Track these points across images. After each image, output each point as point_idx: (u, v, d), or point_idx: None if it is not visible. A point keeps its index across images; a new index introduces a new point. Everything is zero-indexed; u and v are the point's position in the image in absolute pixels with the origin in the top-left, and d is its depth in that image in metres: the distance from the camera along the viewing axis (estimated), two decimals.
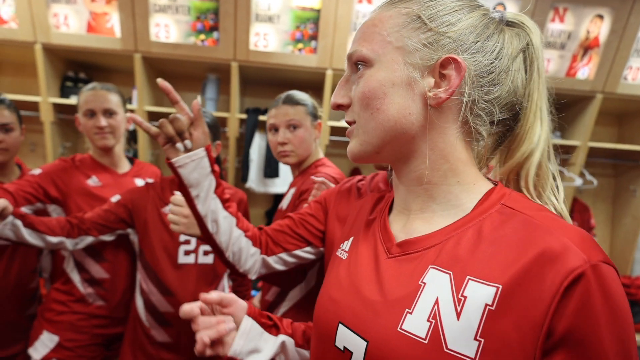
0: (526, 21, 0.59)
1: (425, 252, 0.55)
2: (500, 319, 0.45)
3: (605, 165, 2.90)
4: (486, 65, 0.55)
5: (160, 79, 0.85)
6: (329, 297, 0.65)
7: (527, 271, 0.45)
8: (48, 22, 2.25)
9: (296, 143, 1.43)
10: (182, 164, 0.87)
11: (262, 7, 2.29)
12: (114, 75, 2.69)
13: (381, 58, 0.57)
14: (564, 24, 2.34)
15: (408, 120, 0.56)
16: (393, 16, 0.57)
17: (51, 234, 1.39)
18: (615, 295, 0.44)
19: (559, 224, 0.49)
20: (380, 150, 0.59)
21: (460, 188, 0.57)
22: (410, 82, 0.55)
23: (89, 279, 1.60)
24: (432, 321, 0.49)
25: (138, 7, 2.23)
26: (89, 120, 1.60)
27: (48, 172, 1.57)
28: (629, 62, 2.40)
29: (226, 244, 0.94)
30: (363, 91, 0.57)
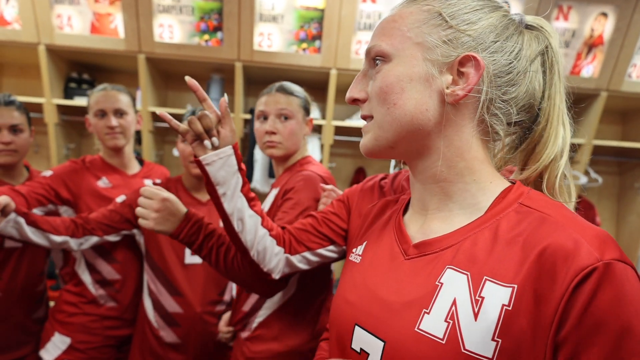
0: (545, 25, 0.60)
1: (442, 253, 0.55)
2: (517, 317, 0.45)
3: (609, 163, 2.90)
4: (505, 65, 0.56)
5: (188, 77, 0.85)
6: (344, 300, 0.65)
7: (540, 269, 0.46)
8: (51, 23, 2.24)
9: (285, 135, 1.34)
10: (210, 162, 0.88)
11: (266, 7, 2.29)
12: (118, 76, 2.69)
13: (400, 53, 0.57)
14: (568, 22, 2.34)
15: (425, 116, 0.56)
16: (414, 12, 0.57)
17: (55, 232, 1.38)
18: (628, 295, 0.43)
19: (575, 221, 0.49)
20: (395, 146, 0.59)
21: (477, 186, 0.57)
22: (428, 78, 0.55)
23: (101, 280, 1.60)
24: (450, 321, 0.49)
25: (142, 8, 2.23)
26: (99, 121, 1.61)
27: (59, 174, 1.58)
28: (633, 59, 2.40)
29: (251, 242, 0.94)
30: (381, 86, 0.57)
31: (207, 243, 1.04)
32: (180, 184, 1.66)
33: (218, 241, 1.04)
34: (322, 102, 2.67)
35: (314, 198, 1.21)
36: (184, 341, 1.53)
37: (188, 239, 1.03)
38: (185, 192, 1.64)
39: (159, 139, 2.68)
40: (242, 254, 0.96)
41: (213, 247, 1.03)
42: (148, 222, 1.01)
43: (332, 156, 2.78)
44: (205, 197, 1.66)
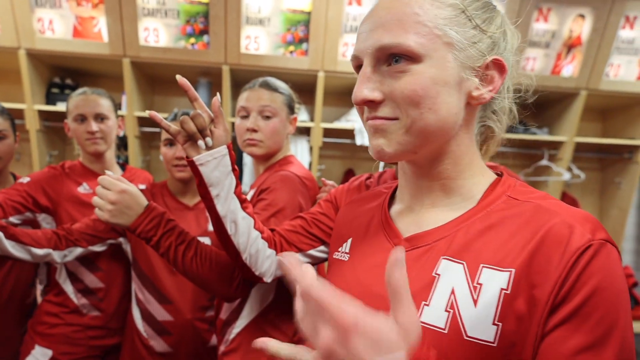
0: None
1: (435, 245, 0.56)
2: (515, 300, 0.47)
3: (591, 159, 2.98)
4: (512, 65, 0.58)
5: (179, 76, 0.83)
6: None
7: (537, 251, 0.47)
8: (32, 27, 2.19)
9: (267, 133, 1.26)
10: (204, 162, 0.85)
11: (253, 10, 2.28)
12: (102, 80, 2.64)
13: (431, 54, 0.52)
14: (548, 23, 2.41)
15: (453, 120, 0.55)
16: (434, 4, 0.53)
17: (36, 245, 1.33)
18: (613, 273, 0.46)
19: (564, 207, 0.51)
20: (419, 150, 0.56)
21: (472, 181, 0.59)
22: (460, 82, 0.54)
23: (83, 289, 1.55)
24: (450, 311, 0.49)
25: (126, 11, 2.19)
26: (79, 126, 1.56)
27: (37, 180, 1.53)
28: (610, 59, 2.48)
29: (244, 245, 0.91)
30: (415, 88, 0.52)
31: (165, 240, 0.99)
32: (165, 188, 1.63)
33: (177, 239, 1.00)
34: (310, 104, 2.68)
35: (290, 199, 1.16)
36: (175, 350, 1.49)
37: (145, 234, 0.99)
38: (171, 196, 1.62)
39: (146, 144, 2.64)
40: (234, 257, 0.93)
41: (171, 246, 0.99)
42: (103, 213, 0.97)
43: (322, 158, 2.78)
44: (191, 201, 1.63)
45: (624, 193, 2.75)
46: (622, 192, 2.77)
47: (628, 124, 2.76)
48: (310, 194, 1.23)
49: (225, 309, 1.25)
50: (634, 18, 2.42)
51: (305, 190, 1.21)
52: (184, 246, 1.00)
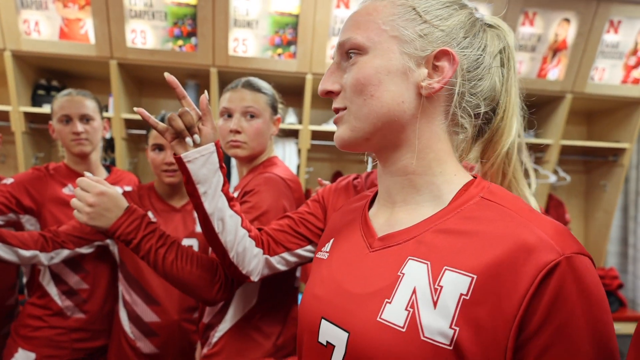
0: (503, 25, 0.64)
1: (405, 244, 0.56)
2: (476, 307, 0.46)
3: (576, 162, 3.01)
4: (474, 60, 0.58)
5: (166, 73, 0.83)
6: (312, 295, 0.65)
7: (502, 263, 0.46)
8: (18, 29, 2.18)
9: (251, 134, 1.24)
10: (192, 159, 0.86)
11: (241, 13, 2.28)
12: (89, 82, 2.62)
13: (377, 46, 0.57)
14: (533, 27, 2.43)
15: (401, 108, 0.57)
16: (387, 6, 0.58)
17: (24, 247, 1.32)
18: (590, 285, 0.45)
19: (535, 216, 0.50)
20: (371, 137, 0.59)
21: (442, 179, 0.59)
22: (405, 71, 0.56)
23: (67, 290, 1.54)
24: (410, 310, 0.50)
25: (113, 13, 2.19)
26: (65, 127, 1.56)
27: (21, 181, 1.52)
28: (595, 63, 2.51)
29: (231, 243, 0.91)
30: (357, 77, 0.57)
31: (146, 243, 0.98)
32: (153, 190, 1.63)
33: (158, 242, 0.99)
34: (298, 107, 2.68)
35: (274, 202, 1.15)
36: (162, 351, 1.49)
37: (125, 236, 0.98)
38: (158, 198, 1.62)
39: (133, 146, 2.63)
40: (221, 256, 0.93)
41: (151, 249, 0.98)
42: (82, 216, 0.96)
43: (310, 160, 2.79)
44: (179, 203, 1.63)
45: (609, 195, 2.79)
46: (608, 195, 2.80)
47: (613, 127, 2.80)
48: (294, 196, 1.23)
49: (208, 312, 1.24)
50: (618, 22, 2.46)
51: (290, 193, 1.21)
52: (165, 249, 0.99)
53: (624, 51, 2.52)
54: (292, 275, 1.29)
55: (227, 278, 1.03)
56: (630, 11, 2.42)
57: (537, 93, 2.55)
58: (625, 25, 2.47)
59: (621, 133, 2.72)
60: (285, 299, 1.26)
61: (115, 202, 0.98)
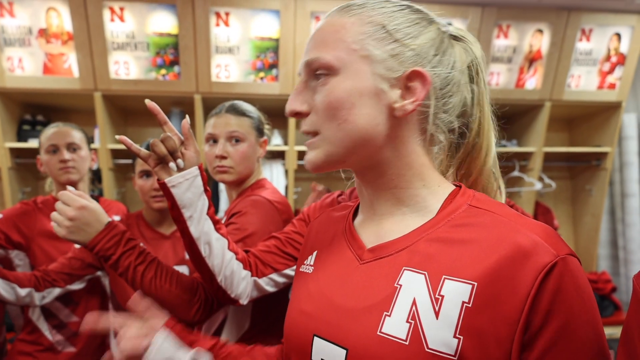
0: (469, 36, 0.63)
1: (398, 255, 0.55)
2: (478, 315, 0.46)
3: (561, 168, 3.05)
4: (445, 77, 0.58)
5: (147, 100, 0.84)
6: (299, 311, 0.63)
7: (501, 268, 0.47)
8: (2, 66, 2.20)
9: (237, 159, 1.24)
10: (176, 184, 0.86)
11: (222, 39, 2.33)
12: (74, 115, 2.64)
13: (347, 66, 0.55)
14: (508, 39, 2.50)
15: (375, 131, 0.56)
16: (356, 24, 0.56)
17: (20, 285, 1.31)
18: (583, 285, 0.47)
19: (525, 220, 0.51)
20: (346, 160, 0.58)
21: (426, 191, 0.58)
22: (378, 93, 0.55)
23: (58, 324, 1.52)
24: (412, 322, 0.49)
25: (95, 46, 2.22)
26: (52, 157, 1.56)
27: (10, 216, 1.51)
28: (571, 71, 2.57)
29: (219, 267, 0.91)
30: (329, 100, 0.55)
31: (125, 260, 0.96)
32: (141, 218, 1.63)
33: (137, 259, 0.97)
34: (283, 128, 2.71)
35: (261, 224, 1.14)
36: None
37: (104, 252, 0.96)
38: (147, 226, 1.61)
39: (120, 176, 2.63)
40: (209, 280, 0.93)
41: (130, 266, 0.96)
42: (61, 229, 0.95)
43: (297, 181, 2.80)
44: (168, 230, 1.63)
45: (595, 199, 2.82)
46: (594, 199, 2.83)
47: (593, 132, 2.85)
48: (282, 218, 1.22)
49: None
50: (590, 30, 2.53)
51: (277, 215, 1.20)
52: (144, 267, 0.97)
53: (598, 58, 2.59)
54: (283, 296, 1.29)
55: (207, 299, 1.01)
56: (601, 19, 2.50)
57: (517, 103, 2.60)
58: (597, 33, 2.55)
59: (602, 137, 2.77)
60: (279, 321, 1.25)
61: (96, 216, 0.97)
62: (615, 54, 2.59)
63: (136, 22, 2.25)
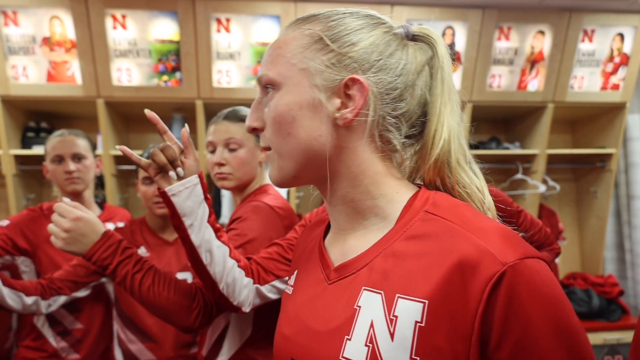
0: (430, 33, 0.59)
1: (359, 273, 0.54)
2: (431, 334, 0.45)
3: (564, 170, 3.03)
4: (390, 82, 0.55)
5: (147, 110, 0.85)
6: (280, 335, 0.63)
7: (448, 282, 0.45)
8: (6, 74, 2.23)
9: (235, 165, 1.25)
10: (176, 192, 0.86)
11: (223, 46, 2.34)
12: (77, 122, 2.67)
13: (287, 81, 0.56)
14: (509, 41, 2.49)
15: (319, 142, 0.55)
16: (297, 37, 0.57)
17: (27, 293, 1.31)
18: (542, 288, 0.44)
19: (477, 225, 0.49)
20: (298, 174, 0.58)
21: (384, 200, 0.57)
22: (316, 104, 0.55)
23: (62, 331, 1.53)
24: (370, 345, 0.48)
25: (98, 54, 2.25)
26: (57, 167, 1.58)
27: (16, 223, 1.53)
28: (573, 72, 2.56)
29: (220, 274, 0.91)
30: (273, 116, 0.57)
31: (122, 269, 0.97)
32: (144, 225, 1.64)
33: (134, 267, 0.98)
34: None
35: (261, 230, 1.14)
36: None
37: (101, 262, 0.97)
38: (150, 232, 1.62)
39: (123, 182, 2.65)
40: (210, 288, 0.93)
41: (128, 274, 0.97)
42: (58, 241, 0.96)
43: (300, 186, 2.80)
44: (171, 236, 1.63)
45: (601, 202, 2.79)
46: (599, 201, 2.80)
47: (597, 133, 2.83)
48: (284, 224, 1.21)
49: (206, 346, 1.22)
50: (592, 31, 2.52)
51: (278, 221, 1.20)
52: (141, 275, 0.98)
53: (601, 58, 2.57)
54: None
55: (207, 304, 1.01)
56: (603, 19, 2.49)
57: (519, 105, 2.59)
58: (599, 34, 2.53)
59: (606, 139, 2.74)
60: None
61: (92, 227, 0.98)
62: (618, 55, 2.58)
63: (138, 30, 2.27)
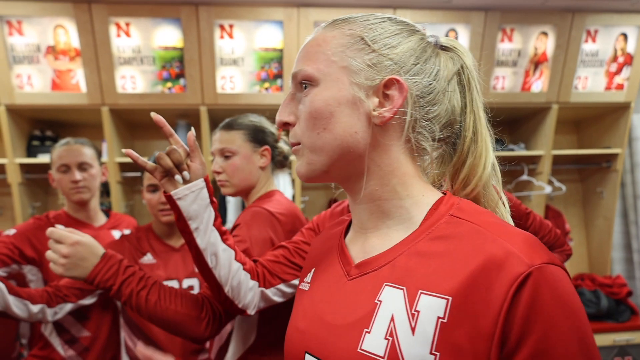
0: (458, 46, 0.63)
1: (381, 270, 0.56)
2: (453, 330, 0.46)
3: (570, 171, 3.02)
4: (425, 86, 0.58)
5: (153, 113, 0.85)
6: (295, 329, 0.64)
7: (474, 281, 0.46)
8: (11, 83, 2.24)
9: (229, 172, 1.30)
10: (182, 196, 0.86)
11: (226, 51, 2.35)
12: (82, 130, 2.67)
13: (326, 77, 0.58)
14: (512, 43, 2.49)
15: (354, 139, 0.57)
16: (337, 36, 0.59)
17: (33, 301, 1.31)
18: (564, 294, 0.45)
19: (503, 229, 0.50)
20: (329, 170, 0.59)
21: (410, 201, 0.58)
22: (355, 102, 0.57)
23: (70, 339, 1.53)
24: (390, 339, 0.49)
25: (102, 62, 2.25)
26: (63, 176, 1.59)
27: (23, 232, 1.53)
28: (577, 72, 2.55)
29: (225, 278, 0.92)
30: (309, 111, 0.58)
31: (126, 288, 0.96)
32: (151, 231, 1.64)
33: (138, 285, 0.97)
34: None
35: (257, 235, 1.15)
36: None
37: (104, 284, 0.95)
38: (156, 239, 1.62)
39: (128, 189, 2.65)
40: (216, 291, 0.93)
41: (133, 292, 0.95)
42: (57, 267, 0.94)
43: (305, 190, 2.80)
44: (177, 242, 1.63)
45: (607, 202, 2.77)
46: (605, 201, 2.79)
47: (602, 134, 2.82)
48: (285, 229, 1.22)
49: (214, 349, 1.25)
50: (595, 31, 2.52)
51: (279, 226, 1.20)
52: (146, 291, 0.97)
53: (604, 59, 2.57)
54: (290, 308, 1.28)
55: (215, 313, 1.01)
56: (606, 19, 2.48)
57: (523, 106, 2.58)
58: (603, 34, 2.53)
59: (611, 139, 2.73)
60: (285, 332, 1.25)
61: (91, 249, 0.96)
62: (622, 55, 2.57)
63: (142, 37, 2.28)
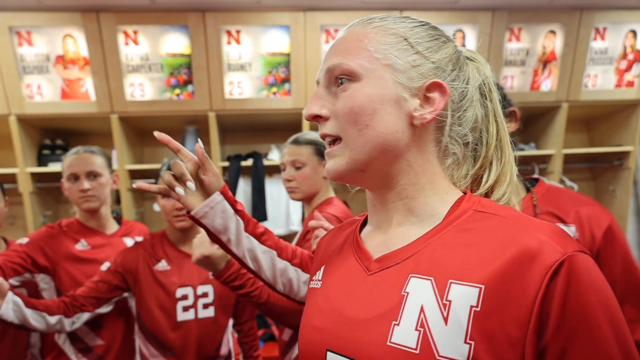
0: (479, 57, 0.66)
1: (404, 263, 0.55)
2: (487, 319, 0.46)
3: (582, 169, 2.99)
4: (460, 92, 0.60)
5: (157, 132, 0.83)
6: (312, 327, 0.63)
7: (508, 270, 0.47)
8: (21, 93, 2.26)
9: (299, 180, 1.51)
10: (203, 214, 0.84)
11: (234, 57, 2.36)
12: (92, 138, 2.69)
13: (369, 73, 0.57)
14: (520, 42, 2.48)
15: (395, 138, 0.57)
16: (379, 34, 0.58)
17: (50, 313, 1.31)
18: (597, 280, 0.46)
19: (531, 221, 0.51)
20: (366, 168, 0.59)
21: (435, 198, 0.59)
22: (399, 101, 0.56)
23: (84, 348, 1.52)
24: (421, 329, 0.48)
25: (111, 70, 2.27)
26: (73, 185, 1.59)
27: (35, 240, 1.53)
28: (586, 71, 2.54)
29: (272, 278, 0.95)
30: (351, 106, 0.57)
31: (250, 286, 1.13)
32: (165, 238, 1.63)
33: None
34: None
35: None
36: None
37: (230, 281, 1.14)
38: (171, 246, 1.61)
39: (138, 196, 2.66)
40: (273, 289, 0.98)
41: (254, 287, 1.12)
42: (206, 267, 1.14)
43: None
44: (192, 249, 1.63)
45: (620, 200, 2.74)
46: (618, 200, 2.76)
47: (613, 131, 2.79)
48: None
49: (287, 332, 1.37)
50: (604, 29, 2.50)
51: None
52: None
53: (614, 56, 2.55)
54: None
55: None
56: (614, 17, 2.46)
57: (533, 105, 2.56)
58: (611, 31, 2.51)
59: (622, 136, 2.71)
60: None
61: (216, 260, 1.15)
62: (631, 52, 2.55)
63: (150, 45, 2.29)
